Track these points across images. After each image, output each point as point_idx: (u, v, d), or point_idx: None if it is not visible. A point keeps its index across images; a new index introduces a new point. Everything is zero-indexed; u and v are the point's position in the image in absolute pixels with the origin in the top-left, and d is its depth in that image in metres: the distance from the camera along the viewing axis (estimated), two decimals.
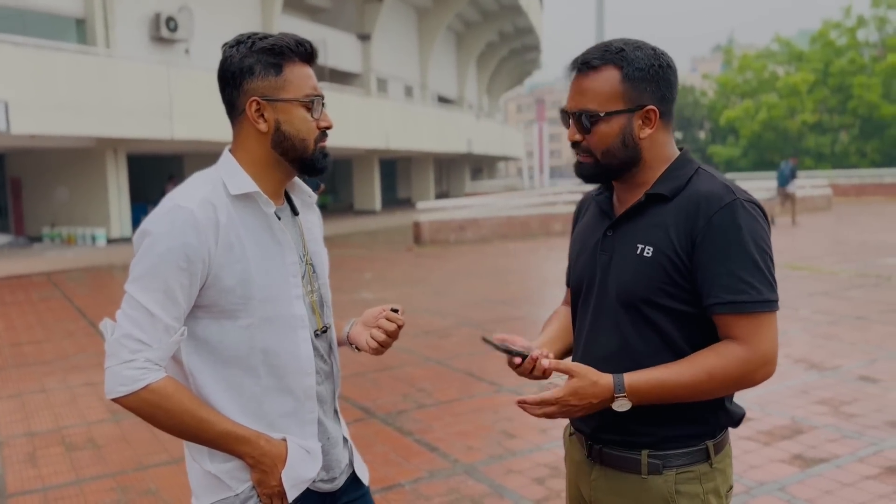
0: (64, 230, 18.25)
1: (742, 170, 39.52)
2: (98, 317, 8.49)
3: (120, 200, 17.98)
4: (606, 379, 1.40)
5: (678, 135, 47.82)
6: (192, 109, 16.48)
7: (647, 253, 1.45)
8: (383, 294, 9.22)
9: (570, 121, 1.50)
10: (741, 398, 4.74)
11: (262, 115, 1.44)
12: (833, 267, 10.44)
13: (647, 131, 1.47)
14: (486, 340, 1.53)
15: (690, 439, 1.47)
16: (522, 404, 1.43)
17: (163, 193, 20.01)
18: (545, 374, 1.49)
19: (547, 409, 1.41)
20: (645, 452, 1.47)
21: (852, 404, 4.56)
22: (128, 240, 17.87)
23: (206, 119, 16.45)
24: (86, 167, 18.01)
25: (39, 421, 4.83)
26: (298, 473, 1.47)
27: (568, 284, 1.73)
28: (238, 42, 1.45)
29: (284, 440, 1.46)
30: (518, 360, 1.49)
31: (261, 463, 1.43)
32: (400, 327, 1.59)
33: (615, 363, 1.47)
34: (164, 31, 18.36)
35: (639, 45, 1.47)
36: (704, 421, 1.48)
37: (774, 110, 38.51)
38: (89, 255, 15.32)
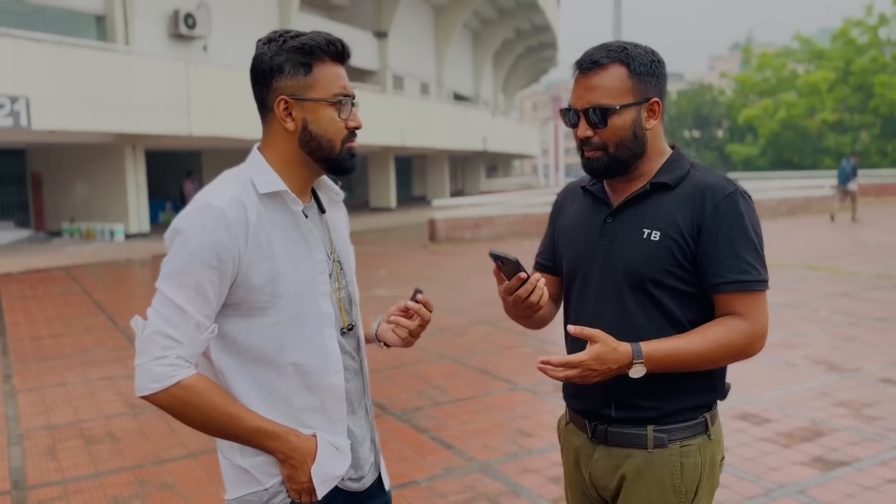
0: (83, 225, 18.41)
1: (760, 169, 39.18)
2: (117, 312, 8.57)
3: (138, 196, 18.12)
4: (625, 346, 1.49)
5: (696, 133, 47.48)
6: (210, 106, 16.57)
7: (655, 237, 1.55)
8: (398, 291, 9.23)
9: (580, 118, 1.58)
10: (750, 390, 4.71)
11: (290, 114, 1.44)
12: (853, 268, 10.32)
13: (653, 122, 1.59)
14: (493, 254, 1.56)
15: (690, 412, 1.58)
16: (545, 364, 1.49)
17: (181, 190, 20.29)
18: (536, 305, 1.55)
19: (569, 371, 1.48)
20: (650, 427, 1.56)
21: (874, 406, 4.50)
22: (146, 235, 18.02)
23: (224, 115, 16.55)
24: (105, 163, 18.16)
25: (59, 414, 4.87)
26: (328, 470, 1.47)
27: (542, 269, 1.82)
28: (270, 40, 1.45)
29: (314, 436, 1.47)
30: (524, 275, 1.54)
31: (291, 458, 1.44)
32: (429, 309, 1.61)
33: (622, 336, 1.54)
34: (183, 27, 18.47)
35: (636, 45, 1.59)
36: (702, 393, 1.59)
37: (794, 109, 38.14)
38: (108, 251, 15.45)
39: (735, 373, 5.71)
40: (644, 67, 1.56)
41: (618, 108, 1.53)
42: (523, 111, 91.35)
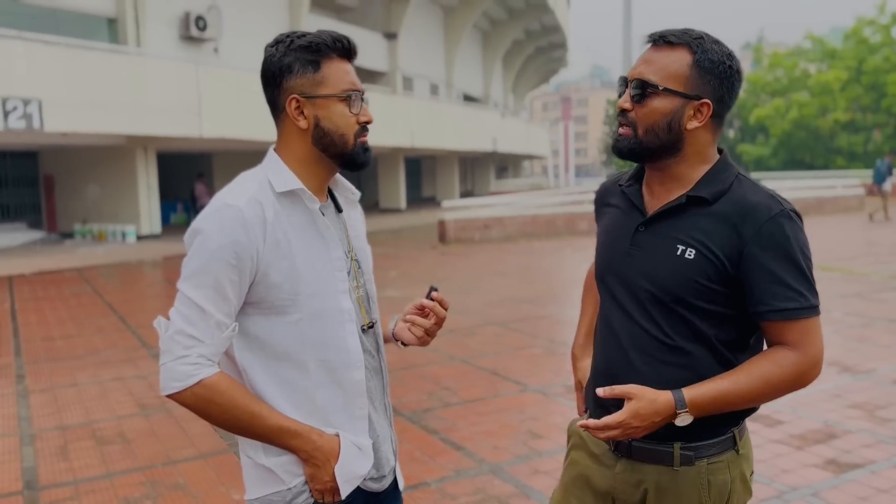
0: (95, 227, 18.53)
1: (772, 169, 38.92)
2: (128, 312, 8.61)
3: (150, 198, 18.21)
4: (665, 396, 1.41)
5: None
6: (221, 108, 16.64)
7: (689, 255, 1.45)
8: (409, 291, 9.23)
9: (627, 88, 1.49)
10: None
11: (302, 112, 1.45)
12: (866, 268, 10.24)
13: (695, 124, 1.46)
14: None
15: (718, 427, 1.49)
16: (586, 428, 1.45)
17: (192, 191, 20.37)
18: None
19: (610, 432, 1.42)
20: (677, 445, 1.49)
21: (887, 408, 4.46)
22: (157, 237, 18.11)
23: (235, 117, 16.61)
24: (116, 165, 18.27)
25: (71, 415, 4.90)
26: (351, 469, 1.47)
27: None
28: (277, 42, 1.47)
29: (337, 435, 1.47)
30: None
31: (313, 457, 1.44)
32: (444, 307, 1.62)
33: (649, 354, 1.50)
34: (194, 30, 18.56)
35: (718, 41, 1.48)
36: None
37: (805, 109, 37.86)
38: (119, 252, 15.54)
39: None
40: (711, 64, 1.43)
41: (661, 88, 1.44)
42: (533, 112, 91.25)
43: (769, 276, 1.41)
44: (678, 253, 1.46)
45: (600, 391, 1.44)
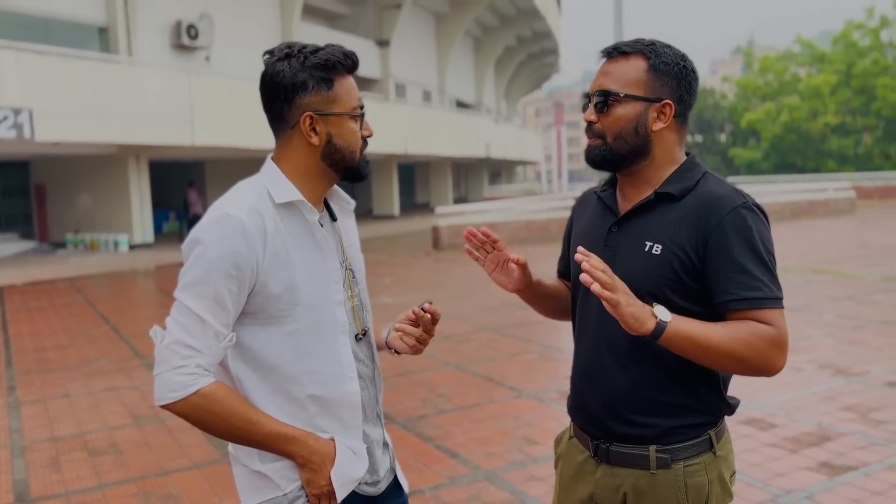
0: (87, 236, 18.46)
1: (764, 172, 39.10)
2: (120, 322, 8.57)
3: (142, 207, 18.17)
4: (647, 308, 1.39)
5: (699, 138, 47.42)
6: (213, 116, 16.63)
7: (656, 250, 1.48)
8: (403, 299, 9.22)
9: (590, 101, 1.55)
10: (756, 395, 4.67)
11: (314, 129, 1.46)
12: (857, 271, 10.28)
13: (661, 125, 1.52)
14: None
15: (693, 429, 1.52)
16: (585, 255, 1.36)
17: (184, 200, 20.32)
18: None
19: (607, 279, 1.34)
20: (653, 448, 1.51)
21: (880, 411, 4.47)
22: (150, 246, 18.06)
23: (227, 125, 16.60)
24: (108, 174, 18.22)
25: (62, 426, 4.87)
26: (347, 473, 1.48)
27: (560, 275, 1.84)
28: (288, 56, 1.45)
29: (332, 440, 1.48)
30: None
31: (310, 462, 1.45)
32: (435, 320, 1.64)
33: (625, 353, 1.52)
34: (185, 38, 18.56)
35: (669, 45, 1.55)
36: (707, 410, 1.53)
37: (796, 112, 38.09)
38: (112, 261, 15.48)
39: (741, 378, 5.65)
40: (666, 66, 1.50)
41: (622, 95, 1.49)
42: (526, 117, 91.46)
43: (733, 265, 1.43)
44: (646, 249, 1.50)
45: (578, 254, 1.37)
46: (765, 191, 21.91)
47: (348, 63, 1.47)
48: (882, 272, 10.07)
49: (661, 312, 1.39)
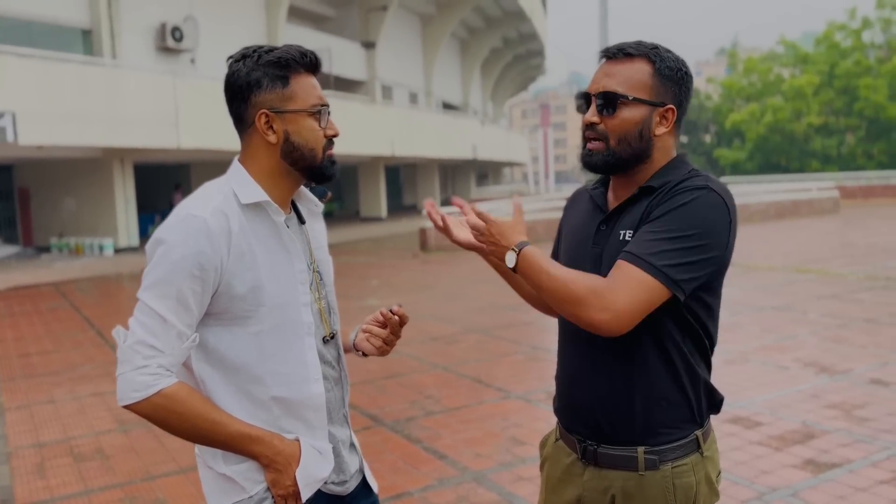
0: (72, 240, 18.30)
1: (748, 173, 39.39)
2: (106, 326, 8.51)
3: (127, 210, 18.04)
4: (523, 238, 1.49)
5: (684, 139, 47.73)
6: (198, 118, 16.54)
7: (628, 237, 1.49)
8: (390, 300, 9.21)
9: (592, 102, 1.53)
10: (742, 393, 4.69)
11: (272, 127, 1.46)
12: (841, 270, 10.38)
13: (663, 129, 1.52)
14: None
15: (680, 429, 1.51)
16: (458, 204, 1.55)
17: (170, 202, 20.16)
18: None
19: (479, 222, 1.50)
20: (641, 449, 1.51)
21: (864, 408, 4.52)
22: (135, 249, 17.93)
23: (212, 128, 16.50)
24: (93, 177, 18.08)
25: (48, 432, 4.83)
26: (312, 473, 1.48)
27: None
28: (244, 56, 1.47)
29: (297, 440, 1.48)
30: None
31: (275, 462, 1.45)
32: (403, 323, 1.64)
33: (610, 353, 1.51)
34: (170, 40, 18.45)
35: (669, 50, 1.55)
36: (692, 409, 1.53)
37: (780, 113, 38.42)
38: (97, 265, 15.36)
39: (727, 376, 5.67)
40: (670, 72, 1.51)
41: (630, 98, 1.48)
42: (512, 119, 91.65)
43: (650, 228, 1.43)
44: (621, 238, 1.50)
45: (477, 205, 1.53)
46: (750, 191, 22.08)
47: (305, 61, 1.47)
48: (865, 271, 10.17)
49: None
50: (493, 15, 35.28)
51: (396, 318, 1.64)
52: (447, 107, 36.55)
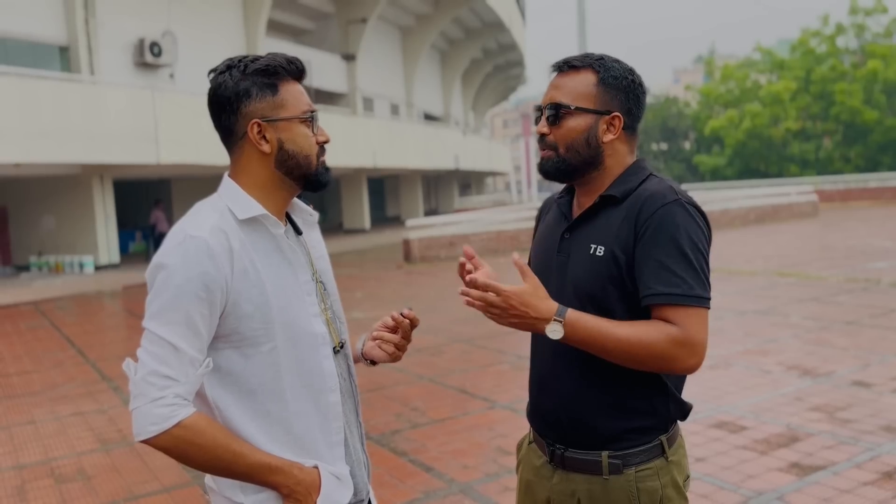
0: (51, 258, 18.10)
1: (728, 178, 39.76)
2: (86, 345, 8.40)
3: (107, 227, 17.87)
4: (554, 303, 1.46)
5: (664, 146, 48.11)
6: (178, 133, 16.45)
7: (599, 252, 1.52)
8: (375, 313, 9.18)
9: (542, 114, 1.60)
10: (726, 398, 4.71)
11: (265, 137, 1.43)
12: (821, 272, 10.49)
13: (610, 136, 1.57)
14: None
15: (644, 434, 1.54)
16: (472, 280, 1.46)
17: (150, 219, 19.96)
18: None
19: (491, 296, 1.44)
20: (605, 453, 1.54)
21: (847, 410, 4.56)
22: (116, 266, 17.76)
23: (193, 143, 16.42)
24: (72, 194, 17.91)
25: (28, 453, 4.75)
26: (333, 501, 1.45)
27: None
28: (229, 67, 1.43)
29: (316, 468, 1.44)
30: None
31: (295, 492, 1.40)
32: (414, 326, 1.64)
33: (576, 358, 1.53)
34: (149, 56, 18.36)
35: (617, 60, 1.60)
36: (657, 414, 1.55)
37: (758, 119, 38.83)
38: (77, 283, 15.19)
39: (710, 381, 5.68)
40: (615, 80, 1.56)
41: (573, 108, 1.55)
42: (494, 129, 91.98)
43: (656, 261, 1.45)
44: (591, 252, 1.54)
45: (515, 255, 1.48)
46: (730, 196, 22.27)
47: (292, 69, 1.45)
48: (845, 273, 10.28)
49: (559, 312, 1.45)
50: (473, 26, 35.48)
51: (407, 321, 1.63)
52: (429, 118, 36.64)
